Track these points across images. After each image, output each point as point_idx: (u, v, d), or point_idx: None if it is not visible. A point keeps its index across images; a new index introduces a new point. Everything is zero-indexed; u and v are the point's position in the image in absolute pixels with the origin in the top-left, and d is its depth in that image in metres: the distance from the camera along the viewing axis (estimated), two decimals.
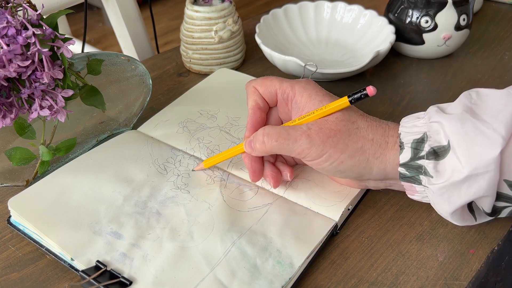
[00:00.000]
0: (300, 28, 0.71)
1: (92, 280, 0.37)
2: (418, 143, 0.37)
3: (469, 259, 0.40)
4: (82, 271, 0.38)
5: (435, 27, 0.63)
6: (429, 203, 0.41)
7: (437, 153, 0.37)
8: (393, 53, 0.69)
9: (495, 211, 0.38)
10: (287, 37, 0.70)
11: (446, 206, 0.38)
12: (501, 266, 0.43)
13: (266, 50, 0.61)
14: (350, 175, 0.40)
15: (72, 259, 0.39)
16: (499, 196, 0.37)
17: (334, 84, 0.63)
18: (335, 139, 0.38)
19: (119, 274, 0.38)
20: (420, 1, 0.63)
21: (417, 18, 0.63)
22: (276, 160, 0.45)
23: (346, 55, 0.68)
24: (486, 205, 0.37)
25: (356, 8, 0.70)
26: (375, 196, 0.46)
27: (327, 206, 0.43)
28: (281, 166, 0.44)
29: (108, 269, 0.38)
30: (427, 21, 0.63)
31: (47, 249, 0.41)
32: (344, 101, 0.39)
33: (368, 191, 0.46)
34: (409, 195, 0.41)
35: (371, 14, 0.69)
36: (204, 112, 0.55)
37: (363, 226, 0.43)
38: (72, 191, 0.45)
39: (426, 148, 0.37)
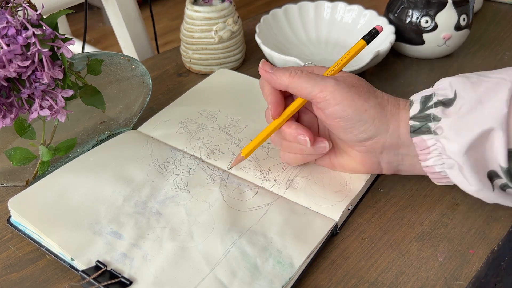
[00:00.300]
0: (300, 28, 0.71)
1: (92, 280, 0.37)
2: (427, 98, 0.40)
3: (469, 259, 0.40)
4: (82, 271, 0.38)
5: (435, 27, 0.63)
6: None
7: (444, 103, 0.39)
8: (393, 53, 0.69)
9: None
10: (287, 37, 0.70)
11: (457, 145, 0.37)
12: (501, 266, 0.43)
13: (266, 50, 0.61)
14: (370, 130, 0.40)
15: (72, 259, 0.39)
16: None
17: None
18: (358, 89, 0.41)
19: (119, 274, 0.38)
20: (420, 1, 0.63)
21: (417, 18, 0.63)
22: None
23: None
24: (501, 151, 0.36)
25: (356, 8, 0.70)
26: (375, 196, 0.46)
27: (327, 206, 0.43)
28: (317, 138, 0.44)
29: (108, 269, 0.38)
30: (427, 21, 0.63)
31: (47, 249, 0.41)
32: (361, 42, 0.45)
33: (368, 191, 0.46)
34: (422, 163, 0.40)
35: (371, 14, 0.69)
36: (204, 112, 0.55)
37: (363, 226, 0.43)
38: (72, 191, 0.45)
39: (434, 99, 0.39)
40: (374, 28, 0.44)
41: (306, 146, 0.42)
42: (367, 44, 0.45)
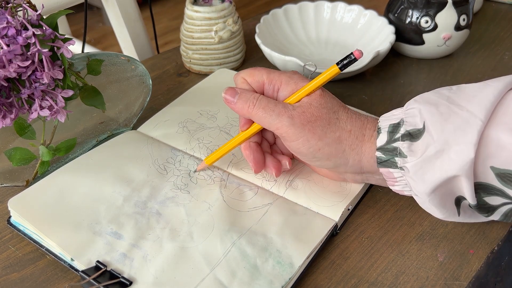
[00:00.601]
0: (300, 28, 0.71)
1: (92, 280, 0.37)
2: (395, 127, 0.39)
3: (469, 259, 0.40)
4: (82, 271, 0.38)
5: (435, 27, 0.63)
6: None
7: (412, 135, 0.37)
8: (393, 53, 0.69)
9: (488, 209, 0.37)
10: (287, 37, 0.70)
11: (422, 186, 0.37)
12: (501, 266, 0.43)
13: (266, 50, 0.61)
14: (327, 165, 0.41)
15: (72, 259, 0.39)
16: (489, 188, 0.36)
17: (334, 84, 0.63)
18: (315, 124, 0.39)
19: (119, 274, 0.38)
20: (420, 1, 0.63)
21: (417, 18, 0.63)
22: (272, 152, 0.46)
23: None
24: (467, 192, 0.36)
25: (356, 8, 0.70)
26: (375, 196, 0.46)
27: (327, 206, 0.43)
28: (279, 157, 0.45)
29: (108, 269, 0.38)
30: (427, 21, 0.63)
31: (47, 249, 0.41)
32: (334, 68, 0.40)
33: (368, 191, 0.47)
34: (390, 187, 0.41)
35: (371, 14, 0.69)
36: (204, 112, 0.55)
37: (363, 226, 0.43)
38: (72, 191, 0.45)
39: (402, 130, 0.38)
40: (352, 53, 0.39)
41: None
42: (341, 71, 0.41)
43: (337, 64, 0.40)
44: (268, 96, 0.44)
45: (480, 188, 0.37)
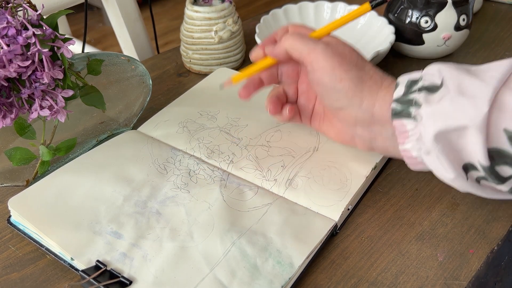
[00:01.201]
0: None
1: (92, 280, 0.37)
2: (413, 82, 0.39)
3: (468, 259, 0.40)
4: (82, 271, 0.38)
5: (435, 27, 0.63)
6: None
7: (429, 89, 0.38)
8: (393, 53, 0.69)
9: (500, 178, 0.37)
10: None
11: (432, 133, 0.37)
12: (501, 266, 0.43)
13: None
14: (341, 102, 0.42)
15: (72, 259, 0.39)
16: (501, 155, 0.36)
17: None
18: (344, 59, 0.41)
19: (119, 274, 0.38)
20: (420, 1, 0.63)
21: (417, 18, 0.63)
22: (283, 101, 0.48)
23: None
24: (480, 150, 0.36)
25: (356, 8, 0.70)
26: (375, 196, 0.46)
27: (327, 206, 0.43)
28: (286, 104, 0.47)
29: (108, 269, 0.38)
30: (427, 21, 0.63)
31: (47, 249, 0.41)
32: (366, 6, 0.43)
33: (368, 191, 0.47)
34: (400, 147, 0.40)
35: (371, 14, 0.69)
36: (204, 112, 0.55)
37: (363, 226, 0.43)
38: (72, 191, 0.45)
39: (420, 84, 0.39)
40: None
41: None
42: (372, 9, 0.44)
43: (370, 2, 0.43)
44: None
45: (492, 155, 0.36)
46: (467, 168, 0.38)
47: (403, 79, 0.40)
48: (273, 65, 0.46)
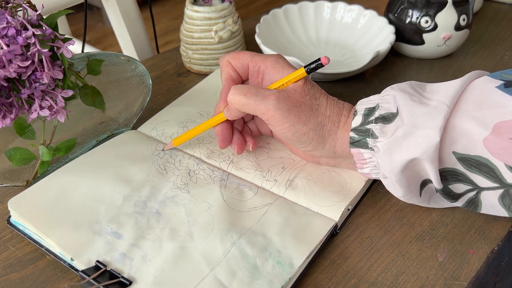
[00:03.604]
0: (300, 28, 0.71)
1: (92, 280, 0.37)
2: (370, 110, 0.41)
3: (469, 259, 0.40)
4: (82, 271, 0.38)
5: (435, 27, 0.63)
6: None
7: (385, 119, 0.40)
8: (393, 53, 0.69)
9: (453, 196, 0.41)
10: (287, 37, 0.70)
11: (389, 167, 0.39)
12: (501, 266, 0.43)
13: (266, 50, 0.61)
14: (307, 148, 0.43)
15: (72, 259, 0.39)
16: (453, 174, 0.39)
17: (334, 84, 0.63)
18: (299, 110, 0.41)
19: (119, 274, 0.38)
20: (420, 1, 0.63)
21: (417, 18, 0.63)
22: (242, 130, 0.48)
23: (346, 55, 0.68)
24: (433, 176, 0.39)
25: (356, 8, 0.70)
26: (375, 196, 0.46)
27: (327, 206, 0.43)
28: (247, 137, 0.47)
29: (108, 269, 0.38)
30: (427, 21, 0.63)
31: (47, 249, 0.41)
32: (301, 71, 0.42)
33: (368, 191, 0.47)
34: (359, 170, 0.43)
35: (371, 14, 0.69)
36: (204, 113, 0.55)
37: (363, 226, 0.43)
38: (72, 191, 0.45)
39: (376, 114, 0.40)
40: (319, 59, 0.41)
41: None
42: (307, 74, 0.42)
43: (304, 67, 0.42)
44: (252, 79, 0.46)
45: (445, 175, 0.40)
46: (426, 182, 0.41)
47: (361, 107, 0.41)
48: (219, 123, 0.46)
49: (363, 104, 0.42)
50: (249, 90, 0.42)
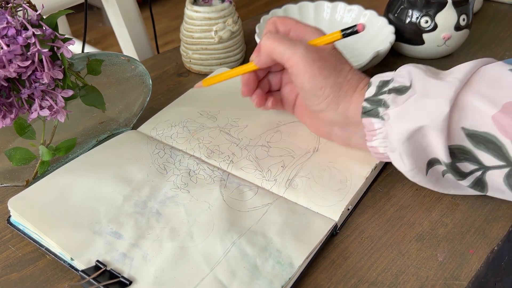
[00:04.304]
0: None
1: (92, 280, 0.37)
2: (384, 83, 0.42)
3: (469, 259, 0.40)
4: (82, 271, 0.38)
5: (435, 27, 0.63)
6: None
7: (398, 90, 0.40)
8: (393, 53, 0.69)
9: (461, 173, 0.41)
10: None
11: (397, 133, 0.40)
12: (501, 266, 0.43)
13: None
14: (320, 106, 0.43)
15: (72, 259, 0.39)
16: (461, 151, 0.39)
17: None
18: (323, 64, 0.43)
19: (119, 274, 0.38)
20: (420, 1, 0.63)
21: (417, 18, 0.63)
22: (268, 92, 0.50)
23: (346, 55, 0.68)
24: (440, 149, 0.39)
25: (356, 8, 0.70)
26: (375, 196, 0.46)
27: (327, 206, 0.43)
28: (270, 96, 0.49)
29: (108, 269, 0.38)
30: (427, 21, 0.63)
31: (47, 249, 0.41)
32: (337, 34, 0.44)
33: (368, 191, 0.47)
34: (368, 143, 0.43)
35: (371, 14, 0.69)
36: (204, 112, 0.55)
37: (363, 226, 0.43)
38: (72, 191, 0.45)
39: (390, 85, 0.41)
40: (355, 25, 0.44)
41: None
42: (343, 37, 0.45)
43: (341, 31, 0.44)
44: None
45: (454, 152, 0.40)
46: (433, 163, 0.42)
47: (376, 80, 0.42)
48: (250, 71, 0.48)
49: (378, 77, 0.43)
50: (283, 36, 0.44)
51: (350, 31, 0.44)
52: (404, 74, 0.41)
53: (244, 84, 0.48)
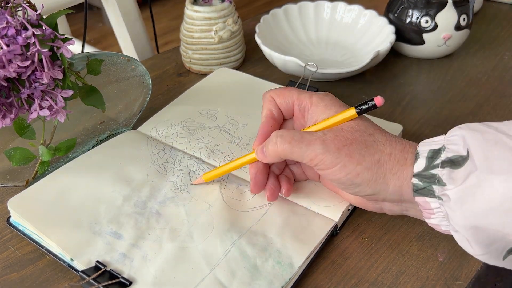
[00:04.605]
0: (300, 28, 0.71)
1: (91, 280, 0.37)
2: (435, 153, 0.35)
3: (469, 259, 0.40)
4: (82, 271, 0.38)
5: (435, 27, 0.63)
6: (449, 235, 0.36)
7: (453, 162, 0.34)
8: (393, 53, 0.69)
9: None
10: (287, 37, 0.70)
11: (461, 219, 0.33)
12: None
13: (266, 50, 0.61)
14: (365, 191, 0.37)
15: (71, 259, 0.39)
16: None
17: (334, 84, 0.63)
18: (351, 148, 0.36)
19: (119, 275, 0.38)
20: (420, 1, 0.63)
21: (417, 18, 0.63)
22: (281, 173, 0.44)
23: (346, 55, 0.68)
24: None
25: (356, 8, 0.70)
26: None
27: (327, 206, 0.43)
28: (283, 181, 0.43)
29: (108, 269, 0.38)
30: (427, 21, 0.63)
31: (47, 249, 0.41)
32: (351, 112, 0.38)
33: None
34: (426, 220, 0.37)
35: (371, 14, 0.69)
36: (204, 111, 0.55)
37: (363, 226, 0.43)
38: (72, 191, 0.45)
39: (443, 157, 0.34)
40: (372, 99, 0.38)
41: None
42: (358, 115, 0.38)
43: (356, 107, 0.38)
44: (297, 119, 0.43)
45: None
46: None
47: (424, 149, 0.36)
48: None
49: (425, 146, 0.36)
50: (293, 137, 0.38)
51: (366, 107, 0.38)
52: (457, 140, 0.34)
53: (253, 183, 0.42)
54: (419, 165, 0.35)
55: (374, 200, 0.39)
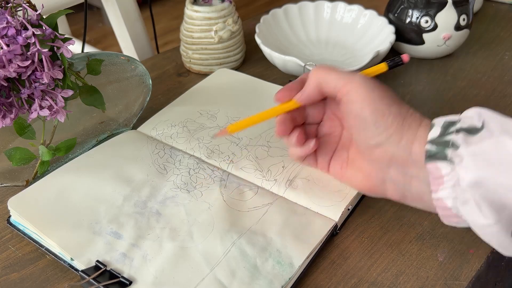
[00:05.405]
0: (300, 28, 0.71)
1: (92, 280, 0.37)
2: (450, 123, 0.36)
3: (469, 259, 0.40)
4: (82, 271, 0.38)
5: (435, 27, 0.63)
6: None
7: (468, 131, 0.35)
8: (393, 53, 0.69)
9: None
10: (287, 37, 0.70)
11: (474, 177, 0.33)
12: (501, 266, 0.43)
13: (266, 50, 0.61)
14: (380, 137, 0.37)
15: (72, 259, 0.39)
16: None
17: None
18: (384, 93, 0.38)
19: (119, 274, 0.38)
20: (420, 1, 0.63)
21: (417, 18, 0.63)
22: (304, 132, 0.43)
23: (346, 55, 0.68)
24: None
25: (356, 8, 0.70)
26: None
27: (327, 206, 0.43)
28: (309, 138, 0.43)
29: (108, 269, 0.38)
30: (427, 21, 0.63)
31: (47, 249, 0.41)
32: (383, 65, 0.43)
33: None
34: (433, 195, 0.36)
35: (371, 14, 0.69)
36: (204, 112, 0.55)
37: (363, 226, 0.43)
38: (72, 191, 0.45)
39: (458, 126, 0.35)
40: (399, 56, 0.42)
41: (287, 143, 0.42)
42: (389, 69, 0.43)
43: (387, 62, 0.43)
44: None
45: None
46: None
47: (439, 120, 0.37)
48: (286, 111, 0.41)
49: (441, 118, 0.37)
50: (334, 68, 0.40)
51: (395, 63, 0.43)
52: (473, 115, 0.35)
53: (280, 123, 0.41)
54: (434, 132, 0.36)
55: (379, 161, 0.38)
